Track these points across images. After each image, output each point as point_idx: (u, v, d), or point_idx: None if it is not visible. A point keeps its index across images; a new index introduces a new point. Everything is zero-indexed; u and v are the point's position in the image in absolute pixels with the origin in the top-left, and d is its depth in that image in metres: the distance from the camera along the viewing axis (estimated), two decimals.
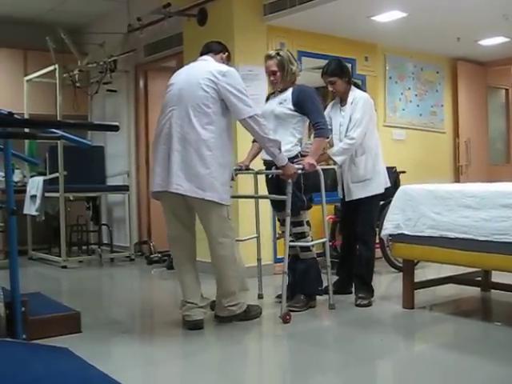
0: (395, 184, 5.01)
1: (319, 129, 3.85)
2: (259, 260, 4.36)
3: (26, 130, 4.31)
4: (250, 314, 3.67)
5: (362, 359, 3.04)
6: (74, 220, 6.91)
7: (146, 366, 3.03)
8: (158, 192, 3.48)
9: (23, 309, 3.14)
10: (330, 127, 4.14)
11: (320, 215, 5.55)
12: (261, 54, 5.33)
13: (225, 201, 3.46)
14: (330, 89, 4.21)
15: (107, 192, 6.72)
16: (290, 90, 3.93)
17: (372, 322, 3.80)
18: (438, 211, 3.68)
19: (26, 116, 6.53)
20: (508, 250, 3.28)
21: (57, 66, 6.04)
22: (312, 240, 4.03)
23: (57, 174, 5.99)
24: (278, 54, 3.95)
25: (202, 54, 3.70)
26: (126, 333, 3.54)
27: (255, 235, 4.32)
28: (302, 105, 3.87)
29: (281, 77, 3.93)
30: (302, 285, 4.01)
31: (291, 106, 3.88)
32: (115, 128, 2.39)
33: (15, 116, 3.04)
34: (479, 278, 4.42)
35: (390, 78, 6.46)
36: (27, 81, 6.65)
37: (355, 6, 4.95)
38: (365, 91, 4.39)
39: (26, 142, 6.52)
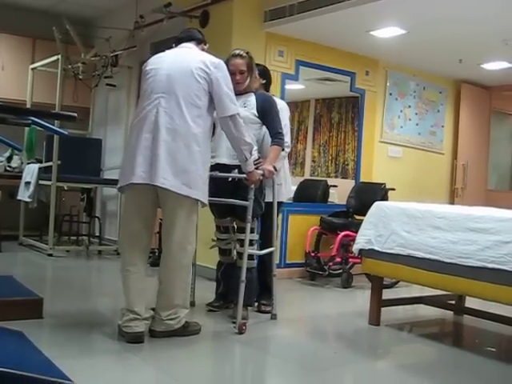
0: (383, 201, 4.98)
1: (279, 138, 3.81)
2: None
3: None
4: (189, 330, 3.35)
5: (308, 370, 3.02)
6: (68, 210, 6.99)
7: (96, 357, 3.03)
8: (138, 184, 3.17)
9: None
10: None
11: (306, 226, 5.63)
12: (260, 60, 5.36)
13: (206, 201, 3.32)
14: None
15: (99, 185, 6.75)
16: (253, 96, 3.85)
17: (332, 334, 3.78)
18: (408, 230, 3.66)
19: (28, 104, 6.63)
20: (471, 274, 3.25)
21: (60, 56, 6.12)
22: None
23: (51, 163, 6.06)
24: (247, 53, 3.82)
25: (182, 40, 3.47)
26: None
27: None
28: (265, 113, 3.80)
29: (246, 78, 3.79)
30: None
31: (255, 112, 3.79)
32: (72, 118, 2.41)
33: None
34: (453, 302, 4.39)
35: (391, 94, 6.44)
36: (32, 69, 6.73)
37: (353, 18, 4.93)
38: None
39: (26, 129, 6.59)
